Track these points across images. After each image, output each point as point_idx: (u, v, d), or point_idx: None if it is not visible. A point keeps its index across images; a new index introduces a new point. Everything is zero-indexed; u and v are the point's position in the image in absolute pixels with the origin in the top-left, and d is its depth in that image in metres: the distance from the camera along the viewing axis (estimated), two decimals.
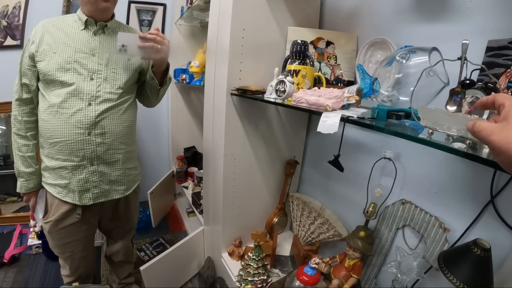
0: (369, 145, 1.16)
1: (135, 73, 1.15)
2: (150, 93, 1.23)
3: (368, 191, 1.06)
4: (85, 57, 1.03)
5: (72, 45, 1.02)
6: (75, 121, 1.00)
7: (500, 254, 0.74)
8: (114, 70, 1.08)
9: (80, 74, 1.01)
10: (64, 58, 1.00)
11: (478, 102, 0.45)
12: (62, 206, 1.09)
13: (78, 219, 1.12)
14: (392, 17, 1.02)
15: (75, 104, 1.00)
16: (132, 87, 1.18)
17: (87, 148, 1.03)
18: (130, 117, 1.17)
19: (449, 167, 0.89)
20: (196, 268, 1.74)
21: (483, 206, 0.79)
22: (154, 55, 1.04)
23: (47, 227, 1.12)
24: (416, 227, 0.97)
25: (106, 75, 1.05)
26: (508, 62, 0.68)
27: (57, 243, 1.15)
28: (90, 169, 1.06)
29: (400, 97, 0.78)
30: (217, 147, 1.35)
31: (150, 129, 2.54)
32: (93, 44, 1.05)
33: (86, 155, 1.04)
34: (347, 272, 1.08)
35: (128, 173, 1.20)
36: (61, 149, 1.03)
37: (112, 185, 1.14)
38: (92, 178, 1.08)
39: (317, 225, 1.28)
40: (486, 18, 0.75)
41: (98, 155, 1.06)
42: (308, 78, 1.01)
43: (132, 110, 1.18)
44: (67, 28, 1.04)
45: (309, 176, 1.54)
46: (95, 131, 1.03)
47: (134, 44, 0.99)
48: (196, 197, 2.02)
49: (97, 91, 1.03)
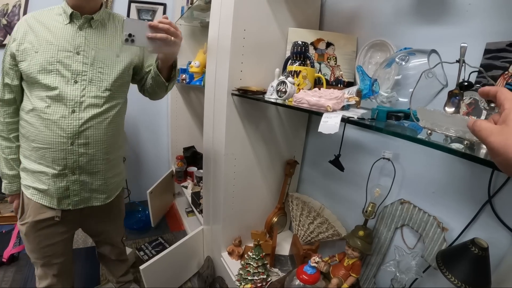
0: (368, 146, 1.17)
1: (124, 71, 1.05)
2: (157, 89, 1.14)
3: (367, 191, 1.07)
4: (68, 56, 0.94)
5: (55, 43, 0.93)
6: (58, 129, 0.94)
7: (498, 253, 0.75)
8: (100, 70, 0.99)
9: (63, 77, 0.93)
10: (46, 58, 0.92)
11: (481, 89, 0.45)
12: (39, 208, 1.03)
13: (57, 221, 1.05)
14: (392, 19, 1.03)
15: (58, 110, 0.94)
16: (121, 88, 1.08)
17: (70, 158, 0.97)
18: (117, 126, 1.09)
19: (447, 168, 0.90)
20: (195, 267, 1.74)
21: (481, 206, 0.80)
22: (166, 49, 0.93)
23: (23, 229, 1.05)
24: (414, 227, 0.98)
25: (91, 76, 0.97)
26: (506, 65, 0.69)
27: (35, 246, 1.08)
28: (71, 178, 1.00)
29: (400, 98, 0.79)
30: (217, 147, 1.36)
31: (150, 129, 2.55)
32: (77, 40, 0.95)
33: (68, 164, 0.98)
34: (346, 271, 1.09)
35: (110, 181, 1.13)
36: (43, 155, 0.97)
37: (93, 193, 1.08)
38: (73, 187, 1.02)
39: (317, 224, 1.29)
40: (485, 21, 0.76)
41: (80, 165, 1.00)
42: (308, 79, 1.02)
43: (119, 118, 1.10)
44: (50, 23, 0.95)
45: (309, 176, 1.55)
46: (78, 140, 0.96)
47: (142, 34, 0.86)
48: (196, 197, 2.02)
49: (81, 95, 0.95)
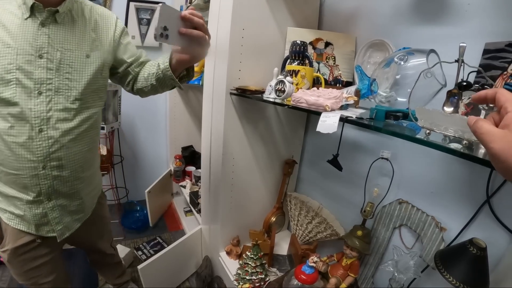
0: (367, 146, 1.17)
1: (97, 74, 0.89)
2: (160, 89, 0.97)
3: (365, 190, 1.07)
4: (30, 61, 0.77)
5: (13, 45, 0.76)
6: (26, 152, 0.81)
7: (496, 253, 0.75)
8: (68, 76, 0.82)
9: (25, 87, 0.77)
10: (3, 65, 0.75)
11: (476, 95, 0.42)
12: (17, 233, 0.93)
13: (39, 243, 0.96)
14: (391, 19, 1.03)
15: (24, 131, 0.79)
16: (95, 95, 0.92)
17: (43, 184, 0.85)
18: (92, 139, 0.96)
19: (445, 168, 0.90)
20: (193, 267, 1.74)
21: (479, 206, 0.80)
22: (198, 50, 0.78)
23: (5, 257, 0.96)
24: (413, 227, 0.98)
25: (58, 84, 0.81)
26: (505, 65, 0.69)
27: (19, 271, 0.99)
28: (48, 205, 0.89)
29: (398, 98, 0.79)
30: (215, 146, 1.35)
31: (148, 128, 2.54)
32: (40, 40, 0.78)
33: (43, 191, 0.86)
34: (344, 271, 1.09)
35: (88, 197, 1.03)
36: (14, 181, 0.85)
37: (73, 215, 0.98)
38: (53, 214, 0.91)
39: (315, 224, 1.29)
40: (484, 21, 0.76)
41: (56, 189, 0.89)
42: (307, 78, 1.02)
43: (94, 130, 0.96)
44: (6, 18, 0.76)
45: (307, 176, 1.55)
46: (50, 163, 0.84)
47: (175, 29, 0.69)
48: (194, 196, 2.02)
49: (47, 110, 0.80)
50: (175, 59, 0.85)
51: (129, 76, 1.00)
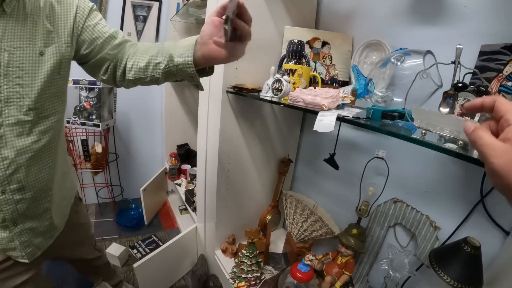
0: (362, 145, 1.17)
1: (53, 74, 0.71)
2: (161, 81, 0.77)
3: (360, 189, 1.08)
4: None
5: None
6: None
7: (490, 252, 0.77)
8: (18, 81, 0.66)
9: None
10: None
11: (470, 105, 0.40)
12: None
13: (13, 261, 0.84)
14: (388, 19, 1.03)
15: None
16: (55, 100, 0.75)
17: (6, 209, 0.74)
18: (56, 151, 0.81)
19: (440, 168, 0.91)
20: (189, 265, 1.74)
21: (473, 206, 0.81)
22: (242, 48, 0.70)
23: None
24: (407, 225, 0.99)
25: (7, 93, 0.65)
26: (500, 67, 0.70)
27: None
28: (15, 231, 0.78)
29: (394, 98, 0.80)
30: (211, 144, 1.35)
31: (143, 126, 2.53)
32: None
33: (6, 216, 0.75)
34: (339, 269, 1.10)
35: (58, 212, 0.91)
36: None
37: (44, 234, 0.87)
38: (21, 238, 0.80)
39: (310, 222, 1.29)
40: (480, 23, 0.77)
41: (22, 213, 0.77)
42: (304, 77, 1.02)
43: (56, 142, 0.80)
44: None
45: (303, 174, 1.56)
46: (10, 187, 0.72)
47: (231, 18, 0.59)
48: (189, 195, 2.01)
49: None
50: (204, 53, 0.66)
51: (106, 62, 0.79)
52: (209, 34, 0.65)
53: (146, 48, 0.76)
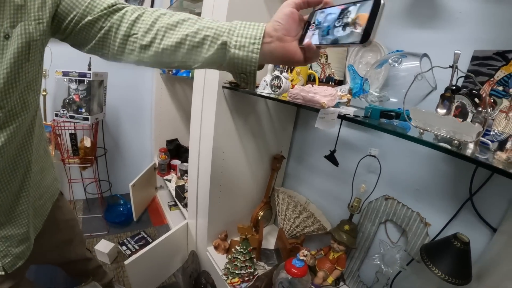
0: (355, 143, 1.20)
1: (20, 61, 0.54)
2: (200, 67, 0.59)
3: (353, 186, 1.11)
4: None
5: None
6: None
7: (478, 248, 0.80)
8: None
9: None
10: None
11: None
12: None
13: None
14: (384, 21, 1.05)
15: None
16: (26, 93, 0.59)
17: None
18: (30, 150, 0.69)
19: (431, 166, 0.94)
20: (179, 262, 1.73)
21: (462, 203, 0.85)
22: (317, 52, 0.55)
23: None
24: (398, 222, 1.03)
25: None
26: (492, 72, 0.73)
27: None
28: None
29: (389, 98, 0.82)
30: (205, 140, 1.34)
31: (132, 120, 2.48)
32: None
33: None
34: (331, 264, 1.12)
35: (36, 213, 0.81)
36: None
37: (23, 242, 0.76)
38: None
39: (302, 218, 1.31)
40: (474, 28, 0.80)
41: None
42: (302, 75, 1.03)
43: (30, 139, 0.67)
44: None
45: (294, 171, 1.58)
46: None
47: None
48: (180, 190, 2.00)
49: None
50: (277, 50, 0.53)
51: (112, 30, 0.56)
52: (287, 30, 0.53)
53: (175, 21, 0.55)
